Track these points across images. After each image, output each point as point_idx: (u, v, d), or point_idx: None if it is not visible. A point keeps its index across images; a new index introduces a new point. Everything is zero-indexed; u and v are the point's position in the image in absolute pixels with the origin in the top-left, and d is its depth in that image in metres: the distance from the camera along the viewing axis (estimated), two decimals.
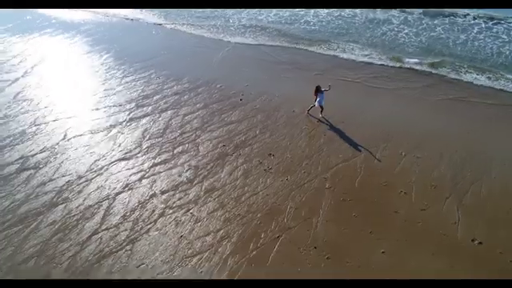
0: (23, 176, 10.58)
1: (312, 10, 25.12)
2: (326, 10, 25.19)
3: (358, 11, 24.51)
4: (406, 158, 11.23)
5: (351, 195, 9.88)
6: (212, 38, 21.23)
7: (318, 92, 12.67)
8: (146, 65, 17.57)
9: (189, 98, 14.64)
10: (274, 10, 24.57)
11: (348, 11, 25.09)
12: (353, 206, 9.54)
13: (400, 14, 22.97)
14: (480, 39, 18.65)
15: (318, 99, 12.80)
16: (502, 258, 8.11)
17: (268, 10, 24.66)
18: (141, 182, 10.40)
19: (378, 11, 24.06)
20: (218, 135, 12.41)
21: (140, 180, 10.49)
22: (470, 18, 21.16)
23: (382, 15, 23.50)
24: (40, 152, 11.55)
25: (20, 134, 12.41)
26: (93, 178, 10.52)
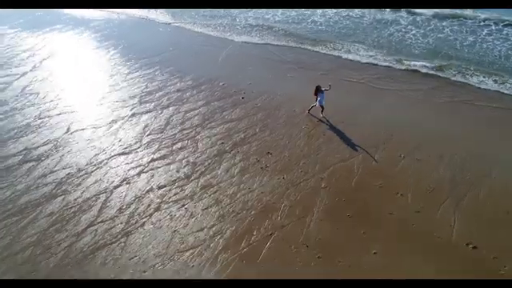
0: (25, 167, 10.85)
1: (319, 10, 25.04)
2: (333, 10, 25.06)
3: (367, 11, 24.30)
4: (405, 159, 11.13)
5: (347, 195, 9.85)
6: (218, 36, 21.33)
7: (319, 92, 12.65)
8: (152, 61, 17.79)
9: (191, 95, 14.76)
10: (281, 10, 24.55)
11: (357, 11, 24.87)
12: (347, 206, 9.51)
13: (409, 15, 22.65)
14: (488, 41, 18.26)
15: (319, 99, 12.77)
16: (495, 264, 7.98)
17: (275, 10, 24.65)
18: (139, 177, 10.56)
19: (386, 12, 23.85)
20: (218, 132, 12.49)
21: (138, 174, 10.65)
22: (481, 19, 20.74)
23: (391, 15, 23.23)
24: (43, 145, 11.82)
25: (25, 127, 12.72)
26: (92, 172, 10.73)
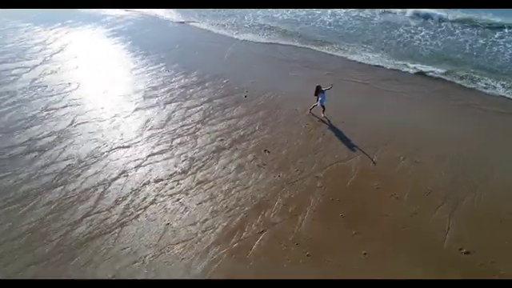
0: (29, 157, 11.16)
1: (329, 10, 24.91)
2: (343, 10, 24.90)
3: (377, 12, 24.06)
4: (404, 161, 11.01)
5: (341, 196, 9.80)
6: (226, 34, 21.50)
7: (319, 92, 12.62)
8: (158, 58, 18.06)
9: (194, 92, 14.92)
10: (290, 9, 24.54)
11: (367, 11, 24.69)
12: (341, 206, 9.47)
13: (420, 16, 22.35)
14: (500, 44, 17.85)
15: (320, 99, 12.74)
16: (487, 270, 7.83)
17: (284, 9, 24.65)
18: (137, 170, 10.74)
19: (397, 12, 23.55)
20: (218, 129, 12.59)
21: (136, 168, 10.83)
22: (494, 22, 20.26)
23: (401, 16, 23.00)
24: (47, 136, 12.14)
25: (31, 118, 13.07)
26: (92, 163, 10.97)
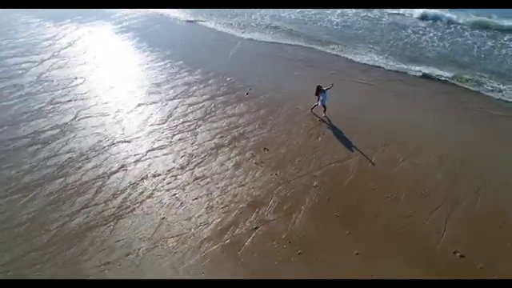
0: (32, 149, 11.45)
1: (338, 10, 24.81)
2: (353, 10, 24.77)
3: (386, 12, 23.87)
4: (402, 163, 10.92)
5: (337, 195, 9.79)
6: (232, 33, 21.60)
7: (320, 92, 12.59)
8: (164, 54, 18.27)
9: (197, 89, 15.04)
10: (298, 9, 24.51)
11: (376, 11, 24.53)
12: (336, 206, 9.45)
13: (429, 17, 22.07)
14: (509, 47, 17.45)
15: (321, 98, 12.71)
16: (481, 273, 7.75)
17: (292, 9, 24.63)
18: (136, 165, 10.91)
19: (406, 13, 23.34)
20: (218, 126, 12.68)
21: (136, 162, 11.00)
22: (505, 25, 19.87)
23: (410, 18, 22.78)
24: (51, 129, 12.41)
25: (37, 111, 13.39)
26: (93, 157, 11.19)
